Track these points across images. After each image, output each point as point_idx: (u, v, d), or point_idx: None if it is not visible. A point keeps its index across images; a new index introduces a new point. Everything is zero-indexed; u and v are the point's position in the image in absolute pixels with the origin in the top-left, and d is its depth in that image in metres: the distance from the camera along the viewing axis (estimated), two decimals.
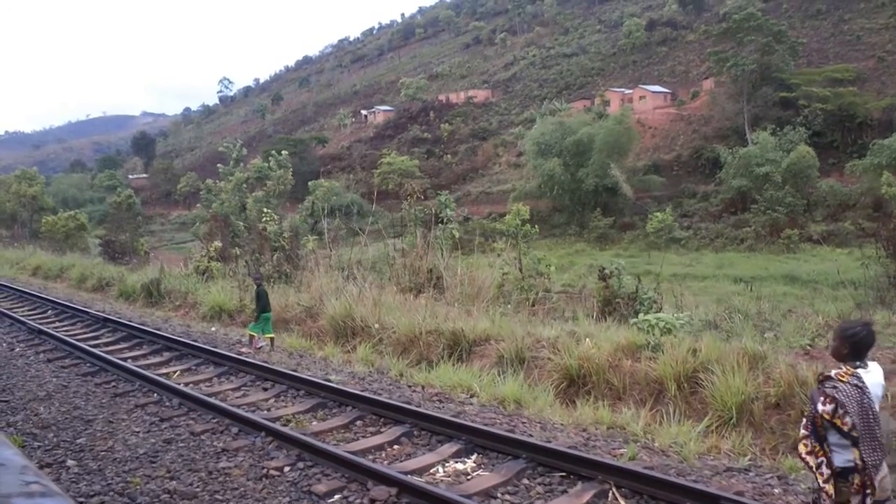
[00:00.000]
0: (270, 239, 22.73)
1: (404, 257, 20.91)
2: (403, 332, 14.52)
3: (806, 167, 78.19)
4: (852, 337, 5.44)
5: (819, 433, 5.32)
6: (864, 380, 5.24)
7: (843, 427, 5.15)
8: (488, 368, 12.61)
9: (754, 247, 73.22)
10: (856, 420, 5.10)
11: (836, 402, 5.19)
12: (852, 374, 5.26)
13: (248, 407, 10.91)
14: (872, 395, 5.23)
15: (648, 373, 11.40)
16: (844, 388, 5.20)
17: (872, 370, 5.40)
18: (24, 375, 13.62)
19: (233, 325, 18.73)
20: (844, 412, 5.14)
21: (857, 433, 5.11)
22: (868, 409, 5.14)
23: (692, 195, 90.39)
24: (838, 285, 42.47)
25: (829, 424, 5.25)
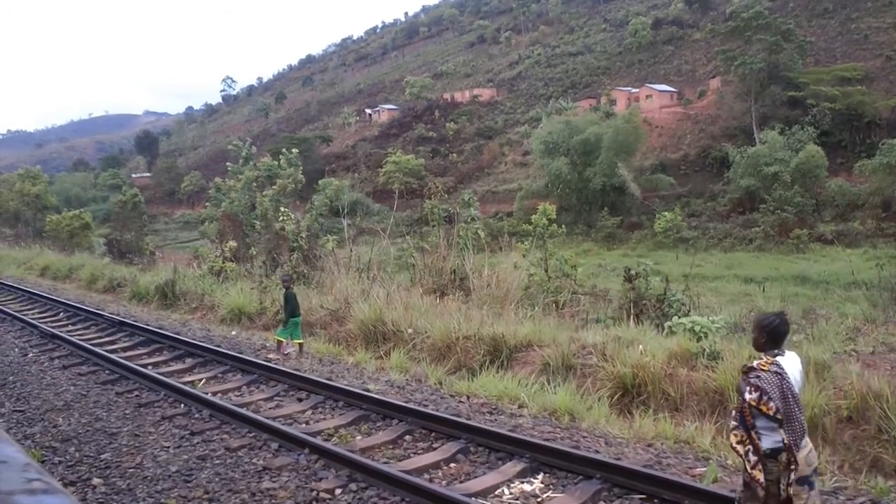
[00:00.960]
0: (289, 239, 22.02)
1: (427, 257, 20.16)
2: (438, 338, 13.81)
3: (815, 167, 77.56)
4: (769, 326, 5.94)
5: (747, 421, 5.71)
6: (782, 366, 5.70)
7: (768, 412, 5.56)
8: (534, 376, 11.90)
9: (763, 247, 72.58)
10: (778, 404, 5.52)
11: (760, 389, 5.61)
12: (772, 363, 5.71)
13: (284, 419, 10.23)
14: (791, 380, 5.67)
15: (707, 382, 10.67)
16: (766, 376, 5.63)
17: (790, 358, 5.92)
18: (39, 383, 12.94)
19: (253, 328, 18.01)
20: (768, 398, 5.55)
21: (781, 415, 5.54)
22: (788, 393, 5.58)
23: (700, 195, 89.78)
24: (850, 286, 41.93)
25: (756, 411, 5.65)
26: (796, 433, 5.58)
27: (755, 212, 78.46)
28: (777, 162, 78.78)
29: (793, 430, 5.57)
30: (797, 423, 5.59)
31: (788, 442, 5.57)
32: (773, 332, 5.92)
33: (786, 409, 5.55)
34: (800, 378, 5.94)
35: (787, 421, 5.56)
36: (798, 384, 5.84)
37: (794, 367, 5.87)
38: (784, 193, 75.60)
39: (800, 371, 5.98)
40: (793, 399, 5.59)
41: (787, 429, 5.56)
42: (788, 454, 5.58)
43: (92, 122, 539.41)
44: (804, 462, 5.67)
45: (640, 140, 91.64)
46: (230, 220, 29.84)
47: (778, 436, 5.64)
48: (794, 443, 5.57)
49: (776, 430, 5.63)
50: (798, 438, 5.59)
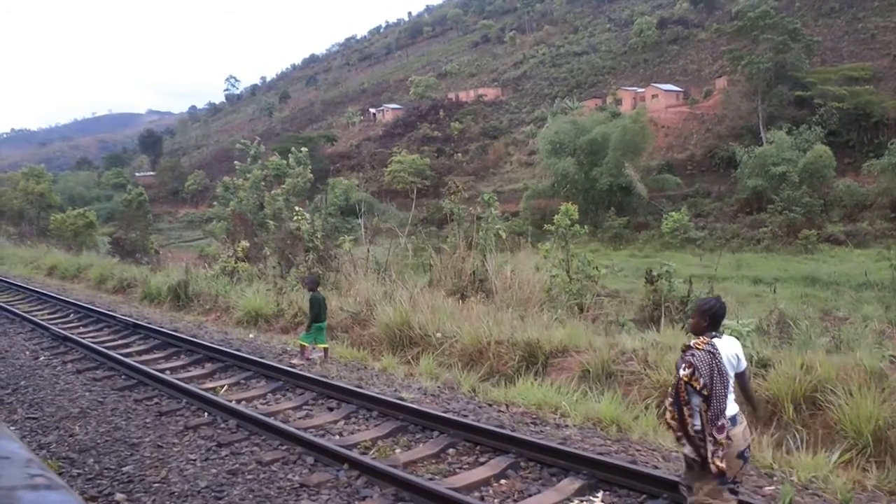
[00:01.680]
0: (304, 239, 21.46)
1: (447, 258, 19.61)
2: (469, 343, 13.24)
3: (822, 167, 77.18)
4: (710, 310, 6.25)
5: (681, 398, 5.97)
6: (717, 347, 5.99)
7: (697, 387, 5.85)
8: (574, 384, 11.34)
9: (771, 247, 72.10)
10: (706, 380, 5.82)
11: (693, 366, 5.91)
12: (707, 343, 6.00)
13: (316, 430, 9.64)
14: (725, 361, 5.98)
15: (758, 391, 10.12)
16: (700, 354, 5.94)
17: (727, 340, 6.26)
18: (52, 388, 12.40)
19: (271, 331, 17.42)
20: (699, 374, 5.85)
21: (708, 391, 5.83)
22: (717, 371, 5.88)
23: (706, 195, 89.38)
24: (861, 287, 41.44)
25: (689, 388, 5.93)
26: (718, 408, 5.86)
27: (763, 212, 78.05)
28: (785, 162, 78.45)
29: (717, 405, 5.86)
30: (722, 399, 5.89)
31: (710, 416, 5.87)
32: (714, 316, 6.26)
33: (713, 386, 5.86)
34: (735, 360, 6.23)
35: (713, 397, 5.86)
36: (734, 365, 6.18)
37: (730, 350, 6.19)
38: (792, 193, 75.20)
39: (736, 354, 6.26)
40: (721, 377, 5.90)
41: (711, 403, 5.86)
42: (713, 426, 5.87)
43: (95, 120, 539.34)
44: (741, 437, 6.09)
45: (647, 140, 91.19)
46: (241, 220, 29.26)
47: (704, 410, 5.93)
48: (715, 417, 5.86)
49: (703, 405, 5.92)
50: (720, 413, 5.87)
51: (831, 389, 9.63)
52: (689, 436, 6.00)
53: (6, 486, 1.11)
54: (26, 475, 1.20)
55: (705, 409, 5.88)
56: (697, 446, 5.97)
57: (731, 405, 6.11)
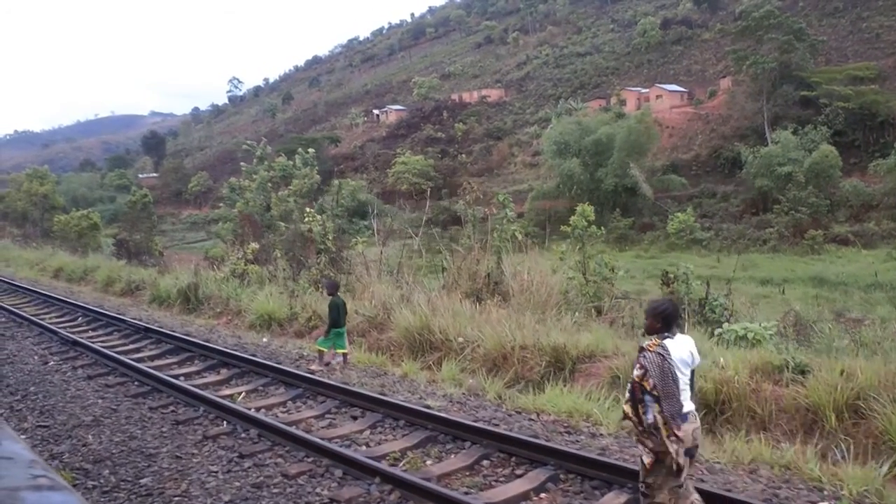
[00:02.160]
0: (316, 241, 21.06)
1: (461, 260, 19.20)
2: (492, 347, 12.84)
3: (828, 167, 77.03)
4: (663, 313, 6.43)
5: (636, 395, 6.18)
6: (668, 348, 6.15)
7: (648, 388, 6.06)
8: (604, 391, 10.95)
9: (778, 248, 71.85)
10: (656, 381, 6.01)
11: (644, 368, 6.12)
12: (658, 345, 6.17)
13: (341, 441, 9.27)
14: (677, 360, 6.15)
15: (797, 399, 9.73)
16: (650, 356, 6.12)
17: (679, 340, 6.36)
18: (63, 395, 12.04)
19: (284, 335, 17.01)
20: (649, 376, 6.05)
21: (658, 392, 6.01)
22: (667, 372, 6.04)
23: (712, 195, 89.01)
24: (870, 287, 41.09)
25: (642, 388, 6.14)
26: (673, 408, 6.03)
27: (769, 212, 77.89)
28: (790, 162, 78.28)
29: (670, 405, 6.04)
30: (674, 399, 6.05)
31: (665, 415, 6.03)
32: (667, 317, 6.44)
33: (664, 387, 6.04)
34: (689, 358, 6.38)
35: (664, 397, 6.04)
36: (688, 363, 6.35)
37: (683, 349, 6.34)
38: (798, 194, 74.94)
39: (690, 352, 6.41)
40: (672, 378, 6.06)
41: (664, 404, 6.03)
42: (667, 426, 6.02)
43: (98, 122, 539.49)
44: (690, 434, 6.21)
45: (653, 140, 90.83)
46: (250, 221, 28.88)
47: (654, 410, 6.12)
48: (670, 416, 6.03)
49: (654, 405, 6.10)
50: (675, 413, 6.05)
51: (874, 397, 9.24)
52: (642, 432, 6.22)
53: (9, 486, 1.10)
54: (29, 476, 1.19)
55: (658, 409, 6.07)
56: (645, 441, 6.22)
57: (686, 403, 6.29)
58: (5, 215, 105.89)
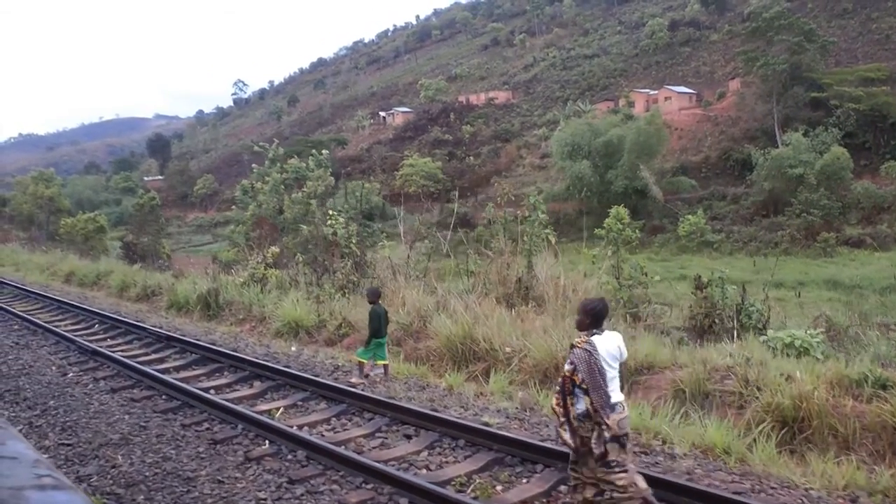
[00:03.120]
0: (340, 244, 20.29)
1: (491, 264, 18.46)
2: (541, 357, 12.06)
3: (840, 169, 76.41)
4: (593, 310, 6.78)
5: (566, 389, 6.59)
6: (595, 344, 6.54)
7: (577, 382, 6.48)
8: (668, 405, 10.18)
9: (790, 250, 71.21)
10: (585, 376, 6.41)
11: (574, 363, 6.55)
12: (586, 341, 6.57)
13: (398, 463, 8.50)
14: (606, 355, 6.53)
15: (882, 417, 8.98)
16: (578, 352, 6.54)
17: (607, 336, 6.73)
18: (86, 410, 11.28)
19: (313, 343, 16.18)
20: (578, 370, 6.46)
21: (587, 385, 6.41)
22: (594, 367, 6.42)
23: (722, 197, 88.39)
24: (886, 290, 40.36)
25: (572, 382, 6.55)
26: (601, 400, 6.40)
27: (780, 215, 77.42)
28: (801, 164, 77.75)
29: (598, 397, 6.41)
30: (601, 392, 6.41)
31: (594, 407, 6.41)
32: (597, 315, 6.81)
33: (591, 380, 6.43)
34: (617, 352, 6.76)
35: (592, 390, 6.43)
36: (616, 357, 6.73)
37: (611, 344, 6.71)
38: (810, 196, 74.42)
39: (618, 347, 6.78)
40: (598, 372, 6.43)
41: (593, 396, 6.42)
42: (595, 417, 6.41)
43: (102, 125, 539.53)
44: (616, 425, 6.47)
45: (662, 142, 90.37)
46: (267, 224, 28.14)
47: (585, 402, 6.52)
48: (599, 407, 6.39)
49: (584, 398, 6.51)
50: (603, 405, 6.40)
51: None
52: (570, 422, 6.61)
53: (14, 485, 1.10)
54: (34, 475, 1.20)
55: (589, 401, 6.45)
56: (575, 431, 6.58)
57: (614, 394, 6.60)
58: (11, 218, 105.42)
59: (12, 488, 1.12)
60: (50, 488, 1.18)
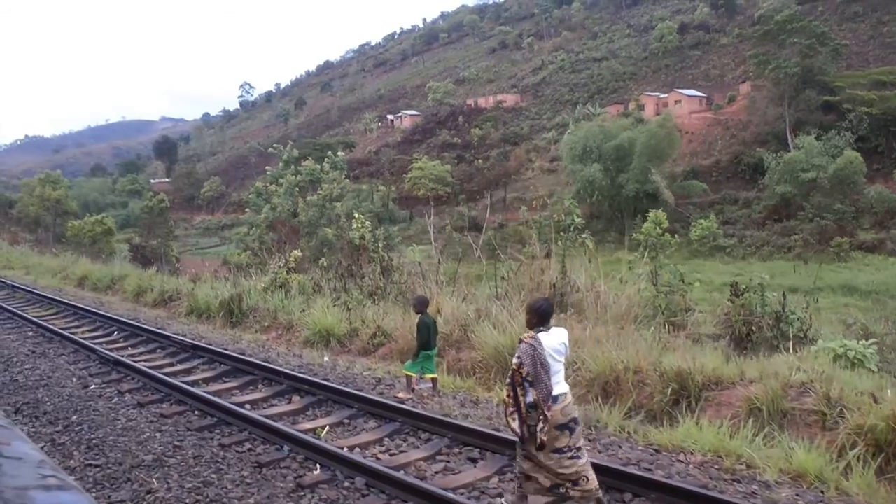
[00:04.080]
0: (369, 249, 19.48)
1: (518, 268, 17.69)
2: (598, 370, 11.24)
3: (853, 173, 75.95)
4: (538, 310, 7.18)
5: (515, 381, 6.86)
6: (540, 340, 6.92)
7: (523, 374, 6.80)
8: (743, 424, 9.36)
9: (803, 255, 70.38)
10: (529, 369, 6.76)
11: (520, 357, 6.88)
12: (532, 337, 6.96)
13: (468, 491, 7.70)
14: (550, 350, 6.93)
15: None
16: (524, 347, 6.91)
17: (553, 333, 7.13)
18: (112, 426, 10.49)
19: (346, 353, 15.29)
20: (523, 364, 6.80)
21: (532, 378, 6.75)
22: (537, 360, 6.77)
23: (733, 201, 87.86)
24: None
25: (519, 374, 6.83)
26: (543, 392, 6.68)
27: (793, 219, 76.75)
28: (814, 168, 77.21)
29: (540, 390, 6.68)
30: (543, 385, 6.68)
31: (537, 398, 6.68)
32: (541, 314, 7.14)
33: (534, 373, 6.68)
34: (562, 347, 7.12)
35: (535, 382, 6.69)
36: (561, 352, 7.09)
37: (555, 340, 7.04)
38: (823, 200, 73.74)
39: (562, 342, 7.13)
40: (541, 365, 6.71)
41: (537, 388, 6.68)
42: (540, 408, 6.66)
43: (108, 127, 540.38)
44: (559, 413, 6.82)
45: (674, 145, 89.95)
46: (287, 227, 27.36)
47: (533, 394, 6.74)
48: (542, 399, 6.67)
49: (531, 390, 6.73)
50: (545, 396, 6.68)
51: None
52: (520, 412, 6.79)
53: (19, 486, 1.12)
54: (39, 476, 1.20)
55: (534, 393, 6.70)
56: (524, 421, 6.78)
57: (558, 386, 6.95)
58: (18, 220, 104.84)
59: (17, 488, 1.12)
60: (55, 489, 1.17)
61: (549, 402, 6.73)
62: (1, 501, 1.01)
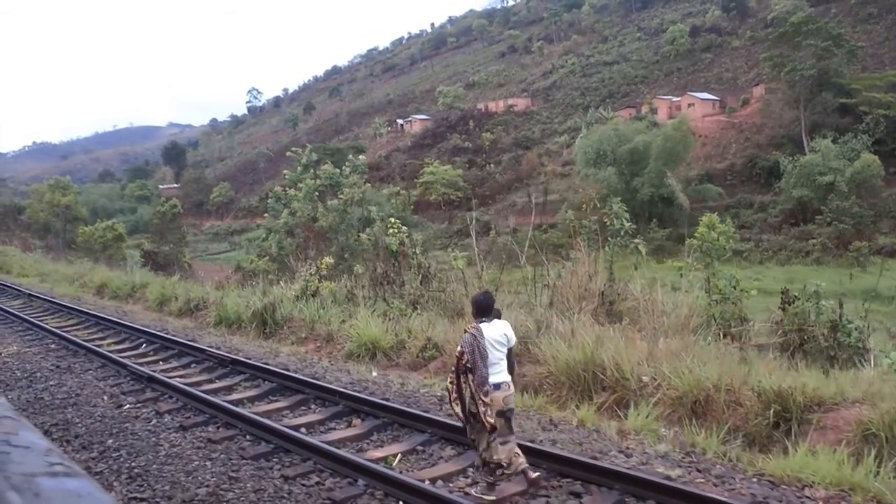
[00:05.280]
0: (409, 255, 18.48)
1: (572, 277, 16.72)
2: (686, 388, 10.23)
3: (871, 176, 74.86)
4: (479, 303, 7.94)
5: (460, 369, 7.47)
6: (481, 330, 7.52)
7: (463, 361, 7.37)
8: (860, 451, 8.37)
9: (821, 260, 69.56)
10: (469, 356, 7.32)
11: (462, 346, 7.49)
12: (474, 328, 7.58)
13: None
14: (491, 340, 7.50)
15: None
16: (466, 337, 7.56)
17: (494, 324, 7.73)
18: (154, 452, 9.52)
19: (394, 368, 14.17)
20: (464, 352, 7.39)
21: (471, 365, 7.30)
22: (476, 349, 7.33)
23: (749, 205, 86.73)
24: None
25: (461, 363, 7.42)
26: (479, 378, 7.27)
27: (810, 223, 75.59)
28: (831, 171, 76.14)
29: (477, 377, 7.28)
30: (480, 372, 7.26)
31: (475, 384, 7.27)
32: (480, 306, 7.84)
33: (473, 361, 7.29)
34: (503, 338, 7.68)
35: (473, 369, 7.29)
36: (503, 343, 7.66)
37: (496, 331, 7.63)
38: (841, 204, 72.54)
39: (504, 334, 7.71)
40: (480, 354, 7.31)
41: (474, 375, 7.28)
42: (477, 393, 7.25)
43: (116, 133, 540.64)
44: (500, 400, 7.42)
45: (689, 148, 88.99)
46: (314, 232, 26.40)
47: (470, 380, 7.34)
48: (478, 385, 7.26)
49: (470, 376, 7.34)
50: (481, 383, 7.26)
51: None
52: (462, 397, 7.36)
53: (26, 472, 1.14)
54: (46, 463, 1.21)
55: (472, 378, 7.23)
56: (466, 406, 7.35)
57: (497, 375, 7.45)
58: (27, 226, 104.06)
59: (25, 475, 1.14)
60: (62, 475, 1.19)
61: (487, 388, 7.29)
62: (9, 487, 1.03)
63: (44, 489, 1.11)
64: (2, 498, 1.01)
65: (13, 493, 1.04)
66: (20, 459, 1.21)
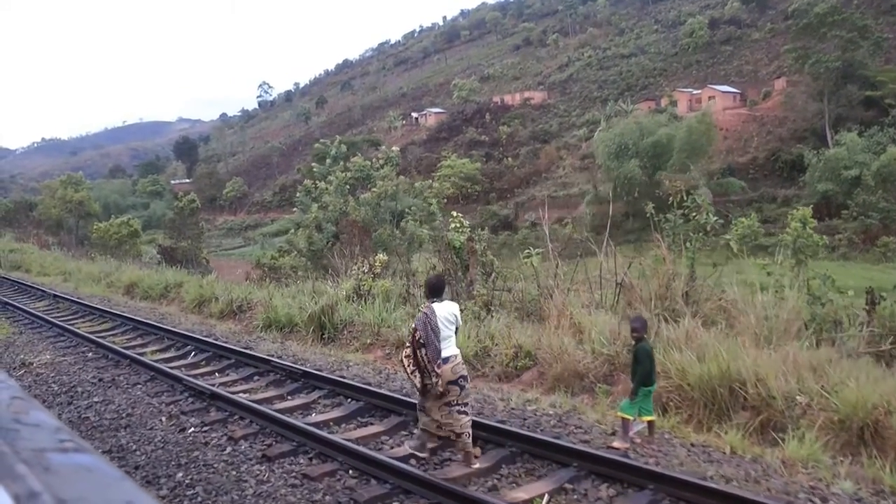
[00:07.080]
0: (478, 253, 17.01)
1: (654, 276, 15.39)
2: (848, 411, 8.75)
3: None
4: (431, 285, 8.80)
5: (414, 344, 8.05)
6: (434, 310, 8.22)
7: (417, 337, 7.98)
8: None
9: (848, 255, 68.01)
10: (421, 333, 7.97)
11: (416, 323, 8.18)
12: (427, 307, 8.34)
13: None
14: (441, 318, 8.19)
15: None
16: (419, 315, 8.34)
17: (445, 304, 8.47)
18: (239, 490, 8.09)
19: (480, 378, 12.46)
20: (418, 329, 8.02)
21: (424, 341, 7.93)
22: (428, 326, 8.00)
23: (772, 200, 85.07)
24: None
25: (415, 338, 8.03)
26: (430, 353, 7.92)
27: (836, 218, 73.91)
28: (857, 165, 74.77)
29: (430, 351, 7.92)
30: (431, 346, 7.93)
31: (427, 357, 7.92)
32: (432, 288, 8.77)
33: (426, 337, 7.95)
34: (452, 317, 8.42)
35: (426, 345, 7.93)
36: (451, 321, 8.38)
37: (446, 310, 8.38)
38: (868, 198, 70.93)
39: (453, 313, 8.45)
40: (432, 330, 7.99)
41: (427, 349, 7.93)
42: (430, 366, 7.91)
43: (125, 129, 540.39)
44: (450, 371, 8.13)
45: (712, 142, 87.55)
46: (357, 227, 24.95)
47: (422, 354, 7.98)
48: (431, 359, 7.92)
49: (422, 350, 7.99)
50: (433, 357, 7.95)
51: None
52: (420, 369, 8.03)
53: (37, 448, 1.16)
54: (56, 440, 1.23)
55: (424, 353, 7.95)
56: (423, 376, 8.02)
57: (447, 349, 8.21)
58: (39, 223, 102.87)
59: (35, 450, 1.13)
60: (71, 451, 1.18)
61: (439, 360, 7.99)
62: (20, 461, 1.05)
63: (53, 464, 1.11)
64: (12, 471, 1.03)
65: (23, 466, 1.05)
66: (30, 437, 1.21)
